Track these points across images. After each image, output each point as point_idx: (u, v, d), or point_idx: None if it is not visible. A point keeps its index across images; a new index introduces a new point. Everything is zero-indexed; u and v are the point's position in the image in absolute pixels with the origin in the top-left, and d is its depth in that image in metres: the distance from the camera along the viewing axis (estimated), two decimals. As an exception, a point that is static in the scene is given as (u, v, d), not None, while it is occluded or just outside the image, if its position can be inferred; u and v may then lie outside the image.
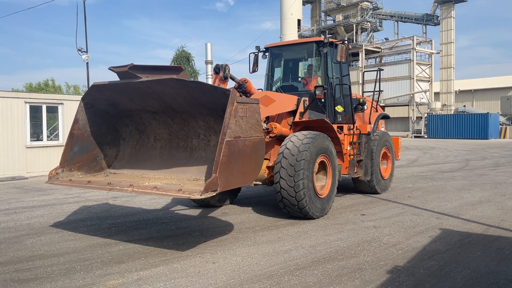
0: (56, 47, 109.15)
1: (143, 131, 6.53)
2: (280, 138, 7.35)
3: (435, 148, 26.65)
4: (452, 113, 46.57)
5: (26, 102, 13.46)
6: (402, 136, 42.87)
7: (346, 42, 8.38)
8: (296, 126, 7.73)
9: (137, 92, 5.73)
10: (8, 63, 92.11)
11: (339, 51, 8.09)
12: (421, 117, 47.04)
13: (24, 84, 54.56)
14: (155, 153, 6.46)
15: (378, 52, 54.90)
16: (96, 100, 6.19)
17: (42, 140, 14.08)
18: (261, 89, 9.10)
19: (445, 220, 6.94)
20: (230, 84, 7.50)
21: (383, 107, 49.10)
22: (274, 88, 8.85)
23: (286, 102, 7.57)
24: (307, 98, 7.91)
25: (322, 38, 8.53)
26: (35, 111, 13.92)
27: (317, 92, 7.64)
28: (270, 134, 7.18)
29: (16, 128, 13.20)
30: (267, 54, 9.16)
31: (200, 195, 4.58)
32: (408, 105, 51.02)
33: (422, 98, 50.71)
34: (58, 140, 14.29)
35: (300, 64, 9.39)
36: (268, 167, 7.26)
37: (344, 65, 8.87)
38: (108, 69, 5.46)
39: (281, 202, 6.79)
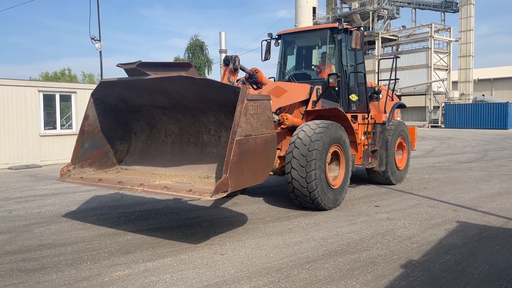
0: (73, 37, 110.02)
1: (154, 126, 6.46)
2: (292, 129, 7.19)
3: (452, 138, 26.13)
4: (471, 102, 45.61)
5: (39, 91, 13.51)
6: (419, 126, 42.34)
7: (361, 28, 8.13)
8: (309, 115, 7.55)
9: (146, 88, 5.67)
10: (25, 53, 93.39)
11: (354, 37, 7.86)
12: (438, 107, 46.17)
13: (40, 74, 55.19)
14: (166, 148, 6.40)
15: (395, 40, 53.96)
16: (106, 96, 6.14)
17: (56, 128, 14.15)
18: (273, 78, 8.94)
19: (462, 212, 6.72)
20: (241, 74, 7.36)
21: (399, 96, 48.40)
22: (286, 77, 8.66)
23: (298, 91, 7.38)
24: (320, 87, 7.71)
25: (336, 24, 8.28)
26: (49, 100, 13.97)
27: (331, 80, 7.42)
28: (282, 126, 7.02)
29: (30, 116, 13.28)
30: (279, 41, 8.95)
31: (211, 196, 4.51)
32: (425, 95, 50.16)
33: (440, 87, 49.76)
34: (72, 128, 14.35)
35: (314, 51, 9.16)
36: (279, 157, 7.11)
37: (359, 53, 8.63)
38: (116, 65, 5.43)
39: (293, 193, 6.65)
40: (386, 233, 5.57)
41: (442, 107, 44.58)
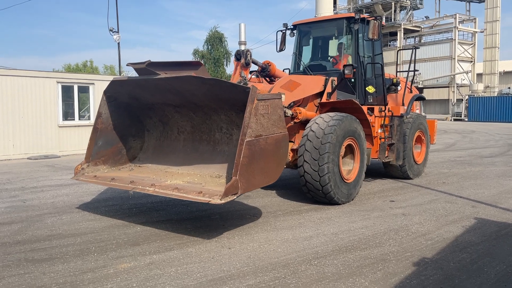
0: (96, 29, 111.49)
1: (166, 123, 6.46)
2: (305, 122, 7.04)
3: (475, 132, 25.47)
4: (496, 95, 44.36)
5: (58, 82, 13.65)
6: (441, 119, 41.49)
7: (378, 18, 7.88)
8: (323, 107, 7.38)
9: (156, 87, 5.67)
10: (50, 45, 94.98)
11: (371, 27, 7.64)
12: (462, 100, 45.10)
13: (63, 65, 56.12)
14: (178, 145, 6.39)
15: (418, 31, 52.77)
16: (118, 94, 6.16)
17: (74, 119, 14.30)
18: (288, 69, 8.78)
19: (481, 208, 6.49)
20: (253, 67, 7.24)
21: (421, 89, 47.46)
22: (301, 68, 8.49)
23: (312, 84, 7.21)
24: (335, 78, 7.52)
25: (353, 14, 8.05)
26: (67, 91, 14.12)
27: (346, 72, 7.23)
28: (295, 120, 6.88)
29: (49, 107, 13.44)
30: (295, 32, 8.77)
31: (220, 200, 4.46)
32: (448, 87, 49.01)
33: (464, 80, 48.53)
34: (90, 120, 14.48)
35: (331, 42, 8.95)
36: (292, 150, 6.98)
37: (376, 43, 8.40)
38: (126, 65, 5.47)
39: (305, 187, 6.53)
40: (400, 229, 5.40)
41: (466, 100, 43.55)
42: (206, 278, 3.87)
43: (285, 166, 7.17)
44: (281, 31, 8.89)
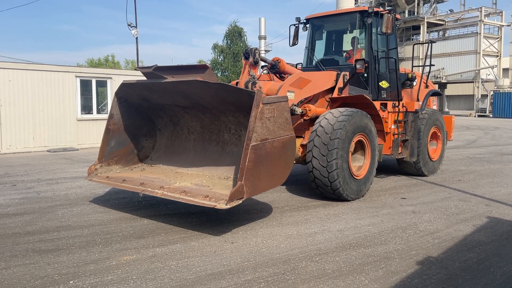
0: (119, 24, 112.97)
1: (177, 123, 6.54)
2: (315, 118, 6.97)
3: (499, 128, 24.81)
4: (522, 90, 43.03)
5: (76, 76, 13.90)
6: (464, 115, 40.54)
7: (392, 11, 7.73)
8: (334, 103, 7.30)
9: (165, 90, 5.77)
10: (74, 40, 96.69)
11: (385, 21, 7.49)
12: (487, 95, 43.94)
13: (86, 60, 57.09)
14: (189, 145, 6.48)
15: (442, 25, 51.54)
16: (129, 95, 6.28)
17: (92, 113, 14.54)
18: (301, 64, 8.71)
19: (495, 207, 6.32)
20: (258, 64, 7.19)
21: (445, 84, 46.46)
22: (314, 62, 8.40)
23: (322, 80, 7.12)
24: (347, 73, 7.42)
25: (366, 7, 7.91)
26: (86, 85, 14.35)
27: (358, 66, 7.11)
28: (305, 117, 6.82)
29: (68, 101, 13.70)
30: (308, 26, 8.68)
31: (226, 204, 4.49)
32: (472, 82, 47.77)
33: (489, 75, 47.20)
34: (107, 114, 14.68)
35: (344, 36, 8.83)
36: (302, 145, 6.93)
37: (391, 37, 8.23)
38: (135, 69, 5.60)
39: (313, 182, 6.48)
40: (407, 227, 5.31)
41: (491, 95, 42.41)
42: (205, 272, 3.89)
43: (295, 162, 7.16)
44: (294, 25, 8.81)
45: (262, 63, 7.28)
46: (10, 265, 4.04)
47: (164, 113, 6.52)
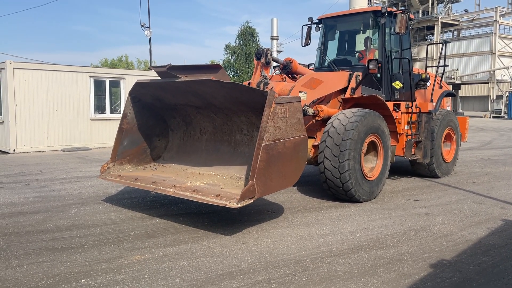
0: (133, 25, 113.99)
1: (189, 123, 6.57)
2: (327, 119, 6.92)
3: (514, 130, 24.42)
4: (539, 92, 42.29)
5: (90, 77, 14.04)
6: (479, 116, 39.98)
7: (406, 11, 7.65)
8: (346, 103, 7.25)
9: (178, 90, 5.79)
10: (89, 41, 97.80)
11: (399, 21, 7.42)
12: (502, 96, 43.26)
13: (100, 60, 57.68)
14: (201, 145, 6.50)
15: (456, 25, 50.94)
16: (142, 95, 6.32)
17: (105, 113, 14.67)
18: (313, 64, 8.67)
19: (510, 210, 6.22)
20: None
21: (459, 85, 45.87)
22: (326, 63, 8.36)
23: (335, 80, 7.07)
24: (360, 73, 7.36)
25: (379, 7, 7.85)
26: (99, 85, 14.49)
27: (370, 67, 7.05)
28: (317, 118, 6.79)
29: (82, 101, 13.85)
30: (320, 26, 8.64)
31: (237, 203, 4.49)
32: (487, 83, 47.09)
33: (504, 75, 46.48)
34: (121, 114, 14.79)
35: (357, 36, 8.77)
36: (314, 146, 6.90)
37: (405, 37, 8.15)
38: (148, 68, 5.61)
39: (325, 183, 6.44)
40: (420, 229, 5.25)
41: (506, 96, 41.75)
42: (216, 272, 3.89)
43: (307, 163, 7.13)
44: (306, 25, 8.78)
45: (274, 64, 7.26)
46: (23, 263, 4.09)
47: (177, 113, 6.55)
